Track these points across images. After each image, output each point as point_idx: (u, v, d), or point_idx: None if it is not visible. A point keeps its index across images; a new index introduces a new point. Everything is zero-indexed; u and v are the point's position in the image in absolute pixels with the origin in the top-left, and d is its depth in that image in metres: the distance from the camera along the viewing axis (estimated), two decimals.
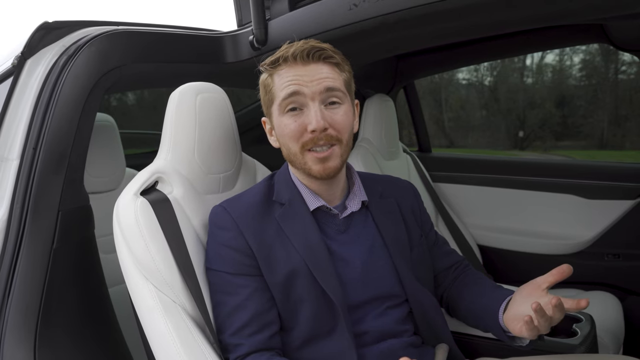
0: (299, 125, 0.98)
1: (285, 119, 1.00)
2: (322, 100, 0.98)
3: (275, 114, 1.02)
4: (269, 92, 1.03)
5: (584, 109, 5.32)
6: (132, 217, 1.00)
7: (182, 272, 1.00)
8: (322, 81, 0.98)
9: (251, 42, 1.44)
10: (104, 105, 3.51)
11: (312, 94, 0.97)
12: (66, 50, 1.18)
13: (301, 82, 0.98)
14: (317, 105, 0.97)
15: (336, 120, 0.99)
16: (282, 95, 0.99)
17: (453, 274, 1.20)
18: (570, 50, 5.06)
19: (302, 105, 0.99)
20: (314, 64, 0.99)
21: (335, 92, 0.99)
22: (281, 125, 1.01)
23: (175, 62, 1.39)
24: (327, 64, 1.00)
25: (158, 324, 0.96)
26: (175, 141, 1.11)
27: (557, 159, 3.80)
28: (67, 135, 1.14)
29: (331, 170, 1.00)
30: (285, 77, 0.99)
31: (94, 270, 1.21)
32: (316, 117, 0.96)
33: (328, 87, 0.98)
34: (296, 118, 0.99)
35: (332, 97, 0.99)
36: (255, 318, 0.97)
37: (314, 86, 0.97)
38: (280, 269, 0.99)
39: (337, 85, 1.00)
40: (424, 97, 4.97)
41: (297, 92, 0.97)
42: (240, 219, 1.02)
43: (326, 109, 0.99)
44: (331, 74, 1.00)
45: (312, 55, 0.98)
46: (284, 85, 0.99)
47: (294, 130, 0.99)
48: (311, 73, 0.98)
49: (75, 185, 1.16)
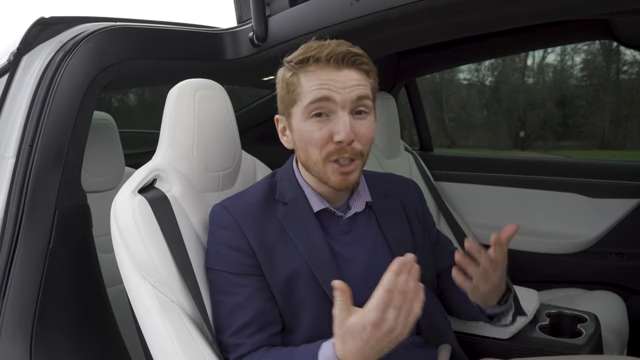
0: (324, 134, 0.94)
1: (309, 125, 0.95)
2: (352, 109, 0.94)
3: (297, 116, 0.97)
4: (292, 92, 0.97)
5: (585, 109, 5.30)
6: (129, 215, 0.99)
7: (181, 271, 0.98)
8: (355, 89, 0.93)
9: (251, 38, 1.42)
10: (104, 106, 3.51)
11: (343, 102, 0.93)
12: (63, 47, 1.16)
13: (332, 88, 0.92)
14: (346, 115, 0.93)
15: (362, 133, 0.95)
16: (310, 98, 0.94)
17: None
18: (572, 50, 5.04)
19: (329, 112, 0.94)
20: (347, 70, 0.94)
21: (365, 101, 0.95)
22: (303, 130, 0.96)
23: (173, 59, 1.37)
24: (358, 70, 0.95)
25: (156, 323, 0.95)
26: (174, 138, 1.10)
27: (559, 158, 3.78)
28: (63, 133, 1.12)
29: (350, 183, 0.98)
30: (315, 79, 0.94)
31: (91, 269, 1.20)
32: (345, 128, 0.92)
33: (360, 95, 0.94)
34: (322, 125, 0.94)
35: (361, 107, 0.95)
36: (256, 318, 0.95)
37: (346, 94, 0.92)
38: (282, 269, 0.97)
39: (368, 94, 0.95)
40: (425, 97, 4.96)
41: (328, 97, 0.92)
42: (241, 218, 1.00)
43: (353, 118, 0.94)
44: (363, 82, 0.95)
45: (347, 60, 0.93)
46: (313, 88, 0.93)
47: (318, 139, 0.94)
48: (344, 79, 0.93)
49: (73, 183, 1.15)
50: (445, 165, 2.43)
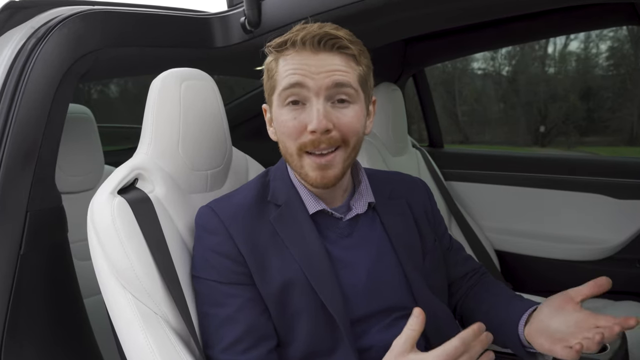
0: (298, 123, 0.94)
1: (284, 113, 0.96)
2: (328, 96, 0.94)
3: (275, 104, 0.99)
4: (271, 78, 0.99)
5: (612, 101, 5.30)
6: (108, 218, 0.99)
7: (165, 280, 0.98)
8: (332, 74, 0.93)
9: (243, 24, 1.42)
10: (82, 98, 3.51)
11: (317, 89, 0.93)
12: (35, 33, 1.17)
13: (306, 73, 0.93)
14: (321, 103, 0.93)
15: (343, 122, 0.95)
16: (284, 84, 0.95)
17: (468, 282, 1.18)
18: (597, 37, 5.04)
19: (304, 100, 0.95)
20: (324, 54, 0.94)
21: (346, 89, 0.95)
22: (279, 119, 0.97)
23: (157, 46, 1.38)
24: (340, 54, 0.95)
25: (137, 337, 0.94)
26: (157, 134, 1.10)
27: (583, 155, 3.79)
28: (36, 127, 1.12)
29: (330, 180, 0.97)
30: (290, 64, 0.95)
31: (67, 278, 1.20)
32: (318, 116, 0.92)
33: (337, 81, 0.93)
34: (296, 114, 0.95)
35: (342, 95, 0.95)
36: (249, 332, 0.95)
37: (320, 79, 0.93)
38: (275, 278, 0.97)
39: (349, 81, 0.95)
40: (435, 88, 4.96)
41: (300, 83, 0.93)
42: (230, 222, 0.99)
43: (333, 107, 0.94)
44: (344, 67, 0.95)
45: (324, 43, 0.93)
46: (286, 73, 0.95)
47: (292, 128, 0.95)
48: (320, 63, 0.93)
49: (46, 183, 1.15)
50: (457, 164, 2.43)
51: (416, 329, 0.78)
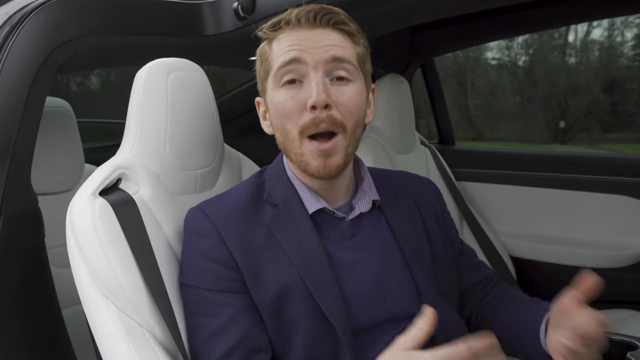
0: (296, 102, 0.95)
1: (281, 94, 0.97)
2: (327, 71, 0.95)
3: (270, 88, 1.00)
4: (265, 62, 1.00)
5: (637, 94, 5.30)
6: (89, 222, 0.99)
7: (150, 288, 0.98)
8: (330, 49, 0.95)
9: (235, 10, 1.42)
10: (61, 91, 3.52)
11: (315, 63, 0.94)
12: (9, 20, 1.17)
13: (303, 48, 0.95)
14: (320, 76, 0.94)
15: (342, 100, 0.96)
16: (279, 63, 0.96)
17: (482, 291, 1.18)
18: (622, 24, 5.05)
19: (302, 77, 0.96)
20: (321, 29, 0.96)
21: (345, 65, 0.96)
22: (276, 102, 0.98)
23: (143, 34, 1.38)
24: (337, 30, 0.98)
25: (120, 351, 0.94)
26: (142, 130, 1.10)
27: (605, 153, 3.79)
28: (10, 123, 1.12)
29: (332, 168, 0.98)
30: (285, 41, 0.97)
31: (44, 287, 1.20)
32: (317, 88, 0.93)
33: (335, 56, 0.95)
34: (293, 92, 0.96)
35: (341, 70, 0.96)
36: (242, 343, 0.95)
37: (318, 53, 0.94)
38: (271, 284, 0.97)
39: (347, 57, 0.97)
40: (446, 79, 4.96)
41: (298, 58, 0.95)
42: (221, 224, 1.00)
43: (332, 84, 0.96)
44: (341, 43, 0.97)
45: (320, 18, 0.96)
46: (282, 51, 0.96)
47: (290, 109, 0.96)
48: (317, 38, 0.95)
49: (21, 183, 1.15)
50: (469, 162, 2.44)
51: (423, 329, 0.77)
